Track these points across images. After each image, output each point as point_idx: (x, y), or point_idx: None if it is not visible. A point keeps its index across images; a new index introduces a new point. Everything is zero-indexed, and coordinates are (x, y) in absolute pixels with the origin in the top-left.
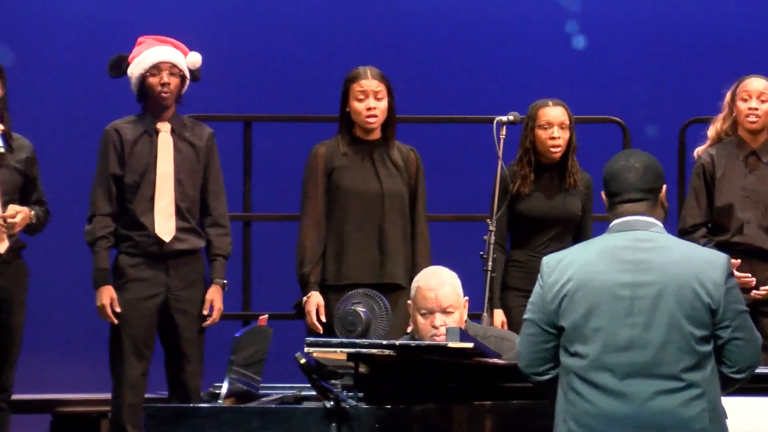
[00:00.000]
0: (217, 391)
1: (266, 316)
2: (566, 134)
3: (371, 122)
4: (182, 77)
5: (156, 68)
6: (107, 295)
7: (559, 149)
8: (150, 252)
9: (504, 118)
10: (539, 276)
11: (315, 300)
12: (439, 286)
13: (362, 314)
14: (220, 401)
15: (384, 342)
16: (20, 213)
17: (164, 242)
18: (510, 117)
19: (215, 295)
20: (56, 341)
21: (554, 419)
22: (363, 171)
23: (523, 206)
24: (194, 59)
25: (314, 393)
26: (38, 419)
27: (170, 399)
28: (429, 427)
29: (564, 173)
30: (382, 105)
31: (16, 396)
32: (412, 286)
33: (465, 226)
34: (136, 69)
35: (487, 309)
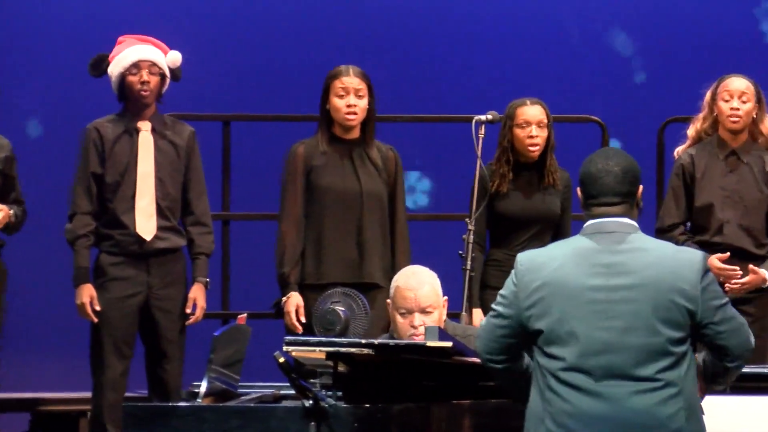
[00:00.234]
0: (196, 390)
1: (245, 315)
2: (544, 133)
3: (351, 119)
4: (162, 76)
5: (136, 66)
6: (87, 294)
7: (538, 148)
8: (131, 251)
9: (482, 118)
10: (513, 272)
11: (294, 301)
12: (419, 286)
13: (341, 313)
14: (199, 400)
15: (363, 341)
16: (0, 211)
17: (145, 241)
18: (488, 116)
19: (198, 294)
20: (36, 340)
21: (525, 419)
22: (342, 170)
23: (502, 205)
24: (174, 58)
25: (293, 392)
26: (18, 418)
27: (150, 398)
28: (408, 426)
29: (543, 172)
30: (363, 103)
31: None
32: (392, 286)
33: (444, 225)
34: (116, 68)
35: (467, 308)
